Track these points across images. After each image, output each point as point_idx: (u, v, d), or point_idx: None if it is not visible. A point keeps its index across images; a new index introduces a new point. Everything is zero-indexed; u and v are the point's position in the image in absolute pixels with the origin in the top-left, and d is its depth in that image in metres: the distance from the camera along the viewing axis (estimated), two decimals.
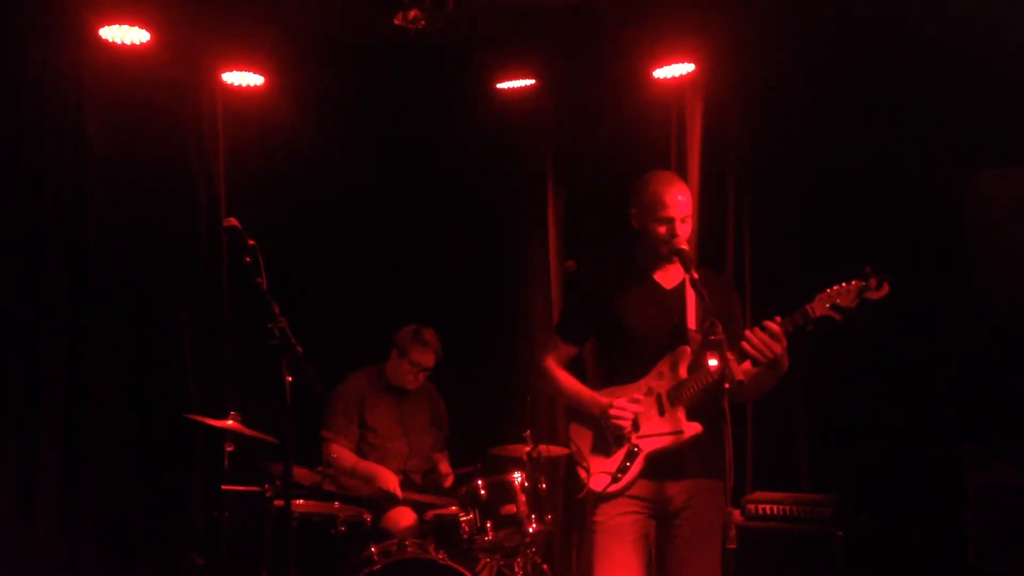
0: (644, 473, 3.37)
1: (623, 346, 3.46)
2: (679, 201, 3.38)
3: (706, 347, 3.15)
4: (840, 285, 3.19)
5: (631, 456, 3.35)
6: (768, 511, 4.39)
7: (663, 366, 3.39)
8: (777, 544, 4.31)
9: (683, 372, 3.36)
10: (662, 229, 3.38)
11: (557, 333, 3.63)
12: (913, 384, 4.55)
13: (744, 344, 3.16)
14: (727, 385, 3.02)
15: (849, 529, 4.25)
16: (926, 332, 4.51)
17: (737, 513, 4.42)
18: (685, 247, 3.36)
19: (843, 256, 4.75)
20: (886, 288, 3.15)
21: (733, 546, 2.98)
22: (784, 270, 4.96)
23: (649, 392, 3.38)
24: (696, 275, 3.27)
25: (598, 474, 3.38)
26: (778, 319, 3.20)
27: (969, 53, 4.41)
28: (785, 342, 3.18)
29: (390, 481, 4.74)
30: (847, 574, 4.20)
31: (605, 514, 3.39)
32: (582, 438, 3.48)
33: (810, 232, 4.95)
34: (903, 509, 4.50)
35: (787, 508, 4.36)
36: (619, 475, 3.34)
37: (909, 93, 4.62)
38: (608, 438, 3.40)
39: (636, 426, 3.37)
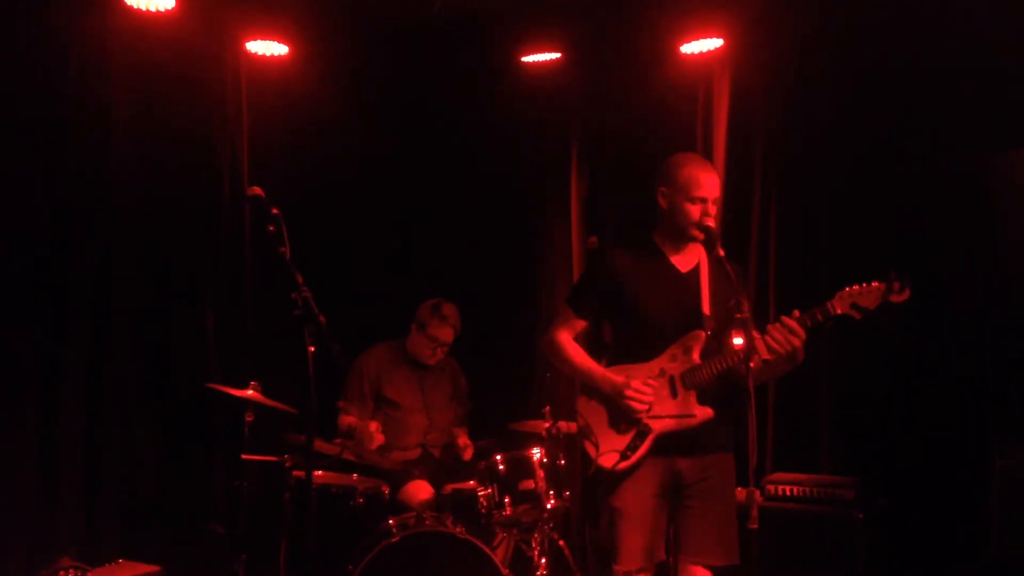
0: (654, 451, 3.40)
1: (636, 326, 3.47)
2: (712, 183, 3.42)
3: (732, 325, 3.13)
4: (862, 285, 3.22)
5: (641, 436, 3.39)
6: (788, 492, 4.37)
7: (676, 349, 3.41)
8: (797, 525, 4.28)
9: (696, 356, 3.38)
10: (695, 209, 3.39)
11: (569, 306, 3.63)
12: (940, 367, 4.49)
13: (766, 338, 3.22)
14: (752, 364, 3.01)
15: (870, 513, 4.22)
16: (954, 315, 4.45)
17: (757, 493, 4.39)
18: (713, 225, 3.38)
19: (871, 238, 4.70)
20: (908, 292, 3.17)
21: (755, 526, 2.96)
22: (810, 249, 4.90)
23: (661, 374, 3.41)
24: (722, 252, 3.26)
25: (607, 451, 3.40)
26: (796, 313, 3.23)
27: (1003, 32, 4.32)
28: (804, 336, 3.22)
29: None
30: (867, 558, 4.17)
31: (624, 500, 3.41)
32: (591, 413, 3.49)
33: (837, 212, 4.88)
34: (926, 493, 4.45)
35: (808, 490, 4.34)
36: (628, 453, 3.39)
37: (941, 72, 4.53)
38: (619, 416, 3.42)
39: (648, 407, 3.37)
